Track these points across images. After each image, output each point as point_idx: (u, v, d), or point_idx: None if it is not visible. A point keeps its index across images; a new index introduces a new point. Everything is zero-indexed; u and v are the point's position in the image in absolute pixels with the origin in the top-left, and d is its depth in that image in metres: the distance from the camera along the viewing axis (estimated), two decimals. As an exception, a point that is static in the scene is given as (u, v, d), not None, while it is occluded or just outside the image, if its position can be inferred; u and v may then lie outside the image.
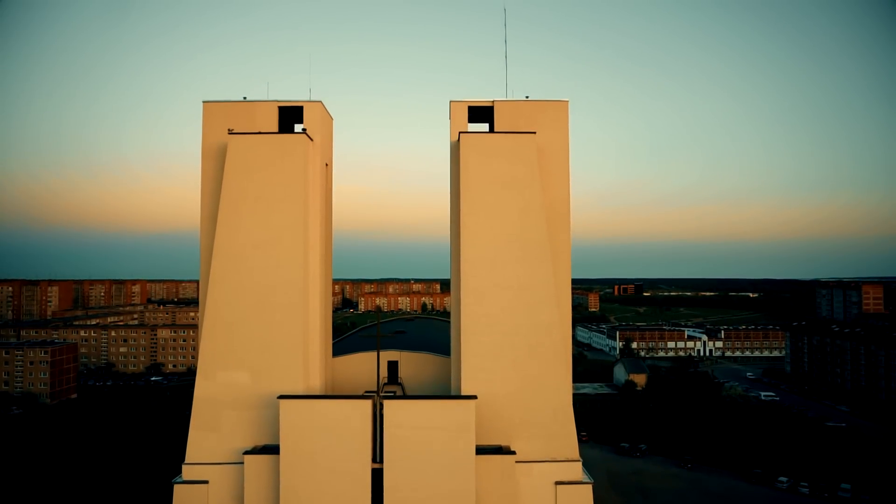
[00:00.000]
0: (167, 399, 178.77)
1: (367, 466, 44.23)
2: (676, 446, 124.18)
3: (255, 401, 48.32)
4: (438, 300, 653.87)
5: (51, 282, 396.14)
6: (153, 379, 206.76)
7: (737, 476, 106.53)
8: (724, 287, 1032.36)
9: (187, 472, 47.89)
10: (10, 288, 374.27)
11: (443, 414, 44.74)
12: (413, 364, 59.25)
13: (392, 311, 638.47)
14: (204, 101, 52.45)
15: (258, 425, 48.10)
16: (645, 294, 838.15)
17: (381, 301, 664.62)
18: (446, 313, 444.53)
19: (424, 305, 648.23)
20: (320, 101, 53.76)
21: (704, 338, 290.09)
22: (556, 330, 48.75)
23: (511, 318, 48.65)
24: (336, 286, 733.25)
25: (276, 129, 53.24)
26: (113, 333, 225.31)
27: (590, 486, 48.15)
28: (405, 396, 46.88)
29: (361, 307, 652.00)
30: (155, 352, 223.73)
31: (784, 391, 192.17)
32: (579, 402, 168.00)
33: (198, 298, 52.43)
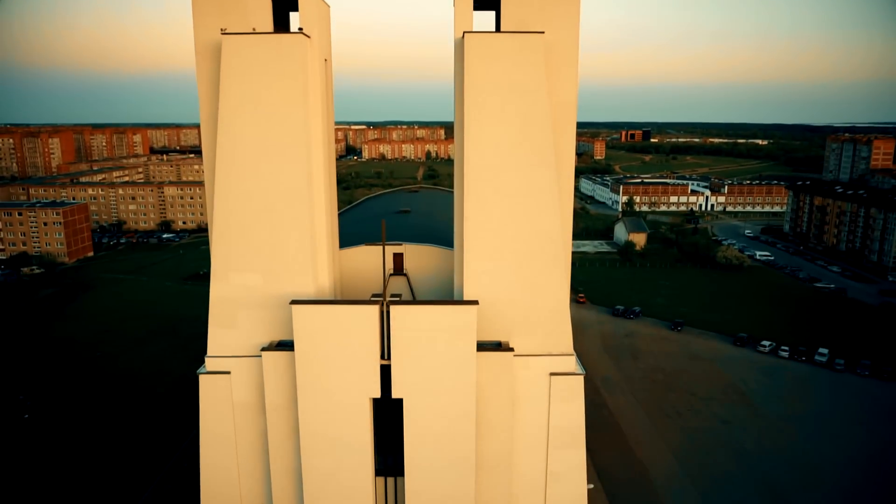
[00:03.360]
0: (181, 257, 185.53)
1: (376, 363, 47.56)
2: (669, 309, 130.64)
3: (268, 301, 50.73)
4: (443, 147, 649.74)
5: (51, 133, 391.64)
6: (165, 236, 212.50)
7: (724, 339, 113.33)
8: (734, 131, 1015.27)
9: (210, 364, 51.63)
10: (12, 140, 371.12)
11: (446, 317, 47.17)
12: (417, 256, 60.99)
13: (396, 158, 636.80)
14: (192, -7, 49.10)
15: (273, 323, 50.94)
16: (652, 140, 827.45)
17: (384, 149, 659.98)
18: (450, 162, 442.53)
19: (429, 154, 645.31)
20: (315, -8, 50.23)
21: (707, 193, 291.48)
22: (556, 236, 49.73)
23: (513, 224, 49.41)
24: (338, 132, 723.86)
25: (271, 22, 50.36)
26: (120, 191, 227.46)
27: (581, 377, 51.96)
28: (411, 301, 49.19)
29: (365, 155, 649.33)
30: (164, 209, 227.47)
31: (780, 250, 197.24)
32: (578, 261, 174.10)
33: (200, 147, 52.85)
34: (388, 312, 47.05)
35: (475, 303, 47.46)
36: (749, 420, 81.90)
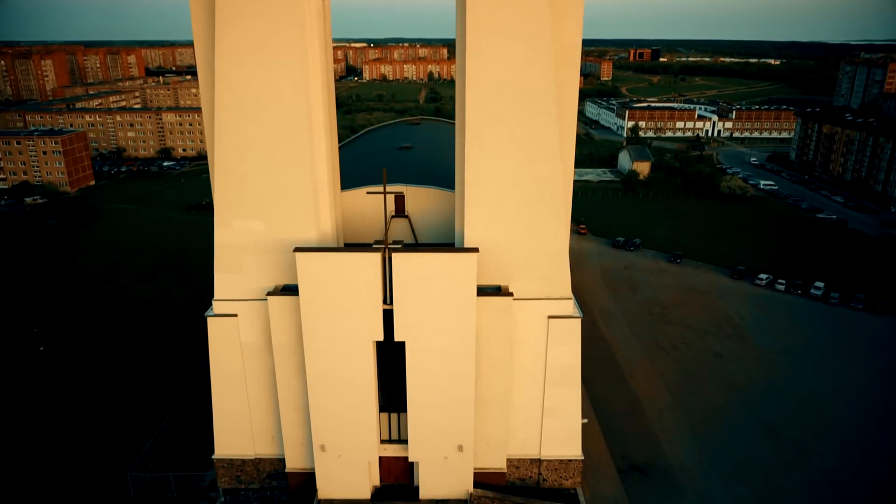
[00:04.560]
0: (183, 186, 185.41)
1: (378, 308, 48.85)
2: (670, 241, 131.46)
3: (272, 246, 51.49)
4: (445, 68, 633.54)
5: (44, 54, 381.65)
6: (165, 164, 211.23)
7: (722, 272, 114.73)
8: (747, 50, 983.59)
9: (217, 307, 53.05)
10: (3, 62, 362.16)
11: (447, 265, 47.93)
12: (419, 198, 61.04)
13: (397, 79, 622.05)
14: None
15: (277, 267, 51.88)
16: (661, 60, 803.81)
17: (385, 69, 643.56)
18: (452, 84, 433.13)
19: (431, 75, 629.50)
20: (310, -74, 47.88)
21: (714, 118, 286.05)
22: (557, 182, 49.78)
23: (514, 170, 49.36)
24: (338, 52, 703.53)
25: (265, -40, 48.46)
26: (118, 118, 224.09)
27: (579, 320, 53.39)
28: (412, 249, 49.78)
29: (366, 76, 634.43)
30: (163, 136, 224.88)
31: (785, 179, 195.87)
32: (580, 191, 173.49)
33: (195, 67, 52.23)
34: (389, 259, 47.95)
35: (475, 250, 48.20)
36: (742, 353, 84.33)
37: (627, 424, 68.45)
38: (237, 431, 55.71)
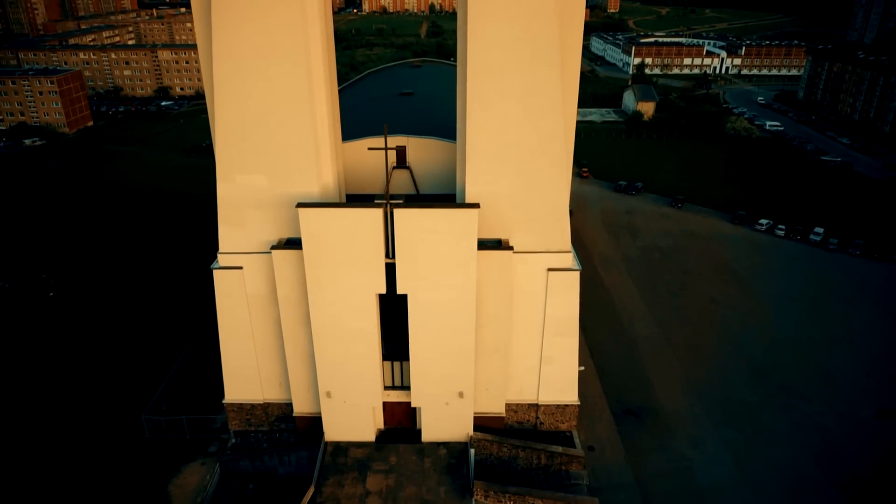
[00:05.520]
0: (181, 127, 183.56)
1: (381, 262, 49.67)
2: (672, 185, 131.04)
3: (275, 200, 51.85)
4: (447, 0, 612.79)
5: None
6: (164, 104, 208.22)
7: (722, 217, 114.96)
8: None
9: (222, 259, 53.87)
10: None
11: (448, 220, 48.38)
12: (420, 149, 60.90)
13: (398, 11, 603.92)
14: None
15: (281, 221, 52.38)
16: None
17: (385, 1, 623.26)
18: (453, 16, 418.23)
19: (432, 7, 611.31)
20: None
21: (723, 54, 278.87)
22: (559, 136, 49.58)
23: (516, 125, 49.08)
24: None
25: None
26: (114, 55, 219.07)
27: (577, 273, 54.25)
28: (414, 204, 49.96)
29: (365, 7, 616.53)
30: (160, 74, 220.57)
31: (791, 119, 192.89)
32: (583, 132, 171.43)
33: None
34: (391, 214, 48.46)
35: (476, 206, 48.57)
36: (738, 299, 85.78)
37: (623, 369, 70.59)
38: (246, 378, 57.71)
